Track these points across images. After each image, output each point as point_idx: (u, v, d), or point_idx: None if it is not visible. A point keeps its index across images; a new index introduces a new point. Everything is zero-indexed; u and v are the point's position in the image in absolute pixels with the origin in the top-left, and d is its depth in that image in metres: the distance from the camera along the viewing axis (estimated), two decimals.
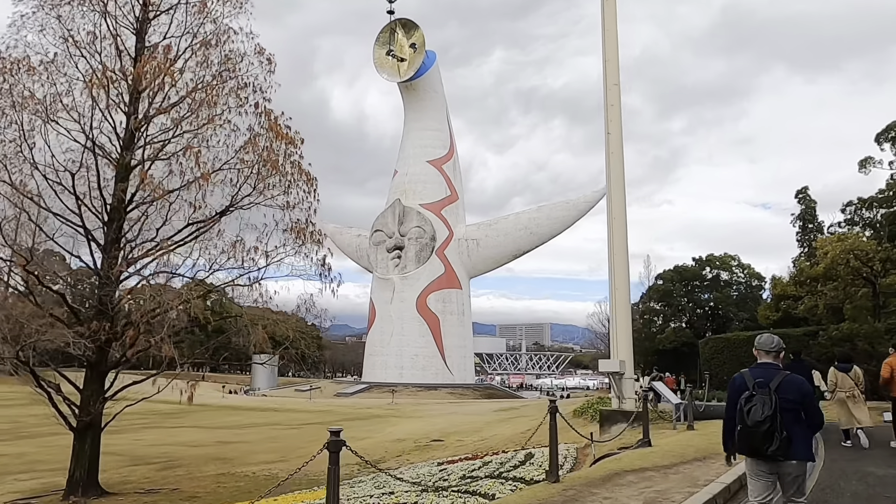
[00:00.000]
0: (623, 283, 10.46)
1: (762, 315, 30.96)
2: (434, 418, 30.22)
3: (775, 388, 4.60)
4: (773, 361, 4.83)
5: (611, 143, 10.72)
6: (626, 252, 10.69)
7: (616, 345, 10.21)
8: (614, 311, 10.25)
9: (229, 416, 32.05)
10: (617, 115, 10.70)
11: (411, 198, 63.12)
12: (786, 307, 27.42)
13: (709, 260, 57.67)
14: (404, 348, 59.00)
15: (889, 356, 9.70)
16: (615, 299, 10.21)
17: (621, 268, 10.56)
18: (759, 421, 4.52)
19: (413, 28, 65.77)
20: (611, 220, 10.48)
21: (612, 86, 10.85)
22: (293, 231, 14.52)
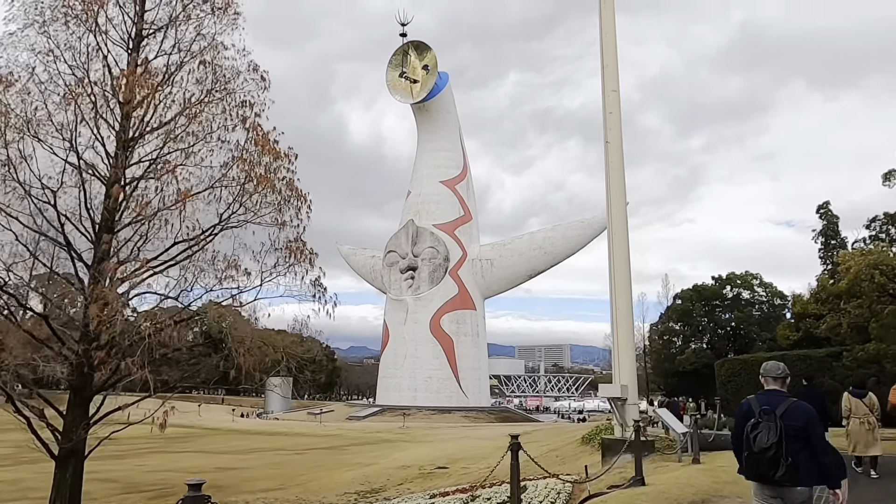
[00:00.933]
0: (625, 302, 9.78)
1: (782, 335, 29.70)
2: (444, 443, 29.36)
3: (781, 414, 4.66)
4: (780, 388, 4.89)
5: (610, 153, 10.13)
6: (629, 268, 10.02)
7: (618, 368, 9.51)
8: (616, 332, 9.57)
9: (236, 441, 31.51)
10: (616, 122, 10.13)
11: (425, 218, 62.86)
12: (807, 326, 26.20)
13: (729, 279, 56.31)
14: (418, 370, 58.21)
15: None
16: (617, 319, 9.54)
17: (623, 285, 9.89)
18: (765, 447, 4.58)
19: (425, 50, 66.17)
20: (611, 234, 9.86)
21: (611, 92, 10.30)
22: (285, 250, 14.11)
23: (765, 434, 4.58)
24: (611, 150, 10.06)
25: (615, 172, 10.09)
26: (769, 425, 4.61)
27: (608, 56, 10.32)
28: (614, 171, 10.14)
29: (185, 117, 13.87)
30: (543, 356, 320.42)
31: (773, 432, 4.56)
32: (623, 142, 10.47)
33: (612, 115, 10.20)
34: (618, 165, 9.99)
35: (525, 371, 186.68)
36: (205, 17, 14.77)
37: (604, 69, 10.35)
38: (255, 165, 12.79)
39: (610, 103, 10.24)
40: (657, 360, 57.80)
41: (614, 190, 10.01)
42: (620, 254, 9.86)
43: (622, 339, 9.64)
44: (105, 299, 10.28)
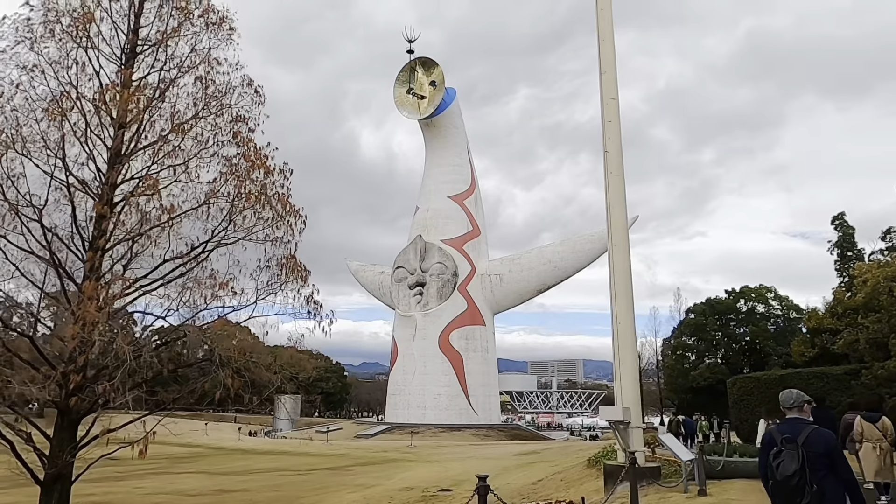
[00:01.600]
0: (627, 317, 9.29)
1: (796, 352, 28.76)
2: (450, 463, 28.70)
3: (802, 442, 4.72)
4: (800, 416, 4.94)
5: (609, 162, 9.70)
6: (630, 282, 9.54)
7: (620, 389, 8.99)
8: (617, 350, 9.08)
9: (239, 461, 31.03)
10: (616, 131, 9.71)
11: (433, 234, 62.56)
12: (823, 342, 25.26)
13: (743, 292, 55.25)
14: (427, 387, 57.52)
15: None
16: (618, 335, 9.05)
17: (624, 299, 9.41)
18: (789, 475, 4.64)
19: (432, 66, 66.37)
20: (611, 245, 9.40)
21: (610, 100, 9.91)
22: (277, 267, 13.80)
23: (787, 462, 4.66)
24: (610, 159, 9.63)
25: (615, 182, 9.65)
26: (791, 454, 4.68)
27: (606, 63, 9.92)
28: (614, 181, 9.70)
29: (177, 133, 13.70)
30: (556, 371, 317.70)
31: (796, 460, 4.63)
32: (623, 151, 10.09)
33: (612, 123, 9.78)
34: (618, 175, 9.55)
35: (537, 387, 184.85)
36: (201, 32, 14.66)
37: (602, 76, 9.94)
38: (244, 181, 12.53)
39: (609, 111, 9.84)
40: (670, 376, 56.68)
41: (614, 200, 9.57)
42: (621, 266, 9.39)
43: (624, 358, 9.13)
44: (83, 319, 9.96)
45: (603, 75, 10.00)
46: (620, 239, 9.29)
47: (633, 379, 9.18)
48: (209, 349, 12.18)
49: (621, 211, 9.50)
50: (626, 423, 8.50)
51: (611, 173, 9.69)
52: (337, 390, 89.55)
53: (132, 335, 11.70)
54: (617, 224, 9.42)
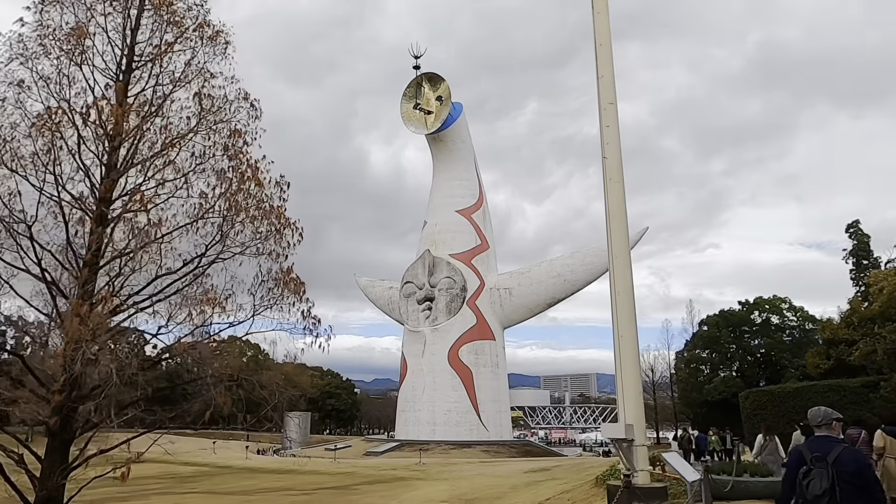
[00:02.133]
0: (629, 330, 8.89)
1: (811, 364, 27.91)
2: (459, 480, 28.13)
3: (832, 461, 4.61)
4: (829, 433, 4.85)
5: (608, 168, 9.38)
6: (632, 292, 9.17)
7: (623, 405, 8.58)
8: (619, 364, 8.68)
9: (246, 480, 30.64)
10: (615, 136, 9.40)
11: (441, 248, 62.31)
12: (838, 354, 24.46)
13: (757, 303, 54.36)
14: (436, 403, 56.88)
15: None
16: (620, 349, 8.66)
17: (626, 310, 9.02)
18: (818, 495, 4.54)
19: (439, 81, 66.60)
20: (611, 256, 9.05)
21: (608, 105, 9.61)
22: (272, 281, 13.58)
23: (817, 481, 4.56)
24: (609, 165, 9.31)
25: (615, 190, 9.32)
26: (821, 472, 4.58)
27: (603, 67, 9.63)
28: (614, 188, 9.37)
29: (172, 147, 13.61)
30: (569, 386, 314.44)
31: (826, 479, 4.53)
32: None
33: (610, 128, 9.48)
34: (617, 182, 9.22)
35: (550, 402, 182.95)
36: (198, 47, 14.59)
37: (599, 80, 9.65)
38: (236, 194, 12.34)
39: (607, 117, 9.54)
40: (684, 390, 55.67)
41: (614, 208, 9.23)
42: (623, 277, 9.03)
43: (627, 372, 8.72)
44: (69, 337, 9.74)
45: (600, 80, 9.70)
46: (621, 249, 8.93)
47: (636, 394, 8.77)
48: (198, 367, 11.92)
49: (622, 219, 9.15)
50: (628, 440, 8.08)
51: (610, 180, 9.36)
52: (347, 407, 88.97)
53: (119, 354, 11.44)
54: (617, 233, 9.07)
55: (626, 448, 8.11)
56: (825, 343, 28.01)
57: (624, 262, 8.92)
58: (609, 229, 9.13)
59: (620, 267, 8.87)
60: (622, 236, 9.10)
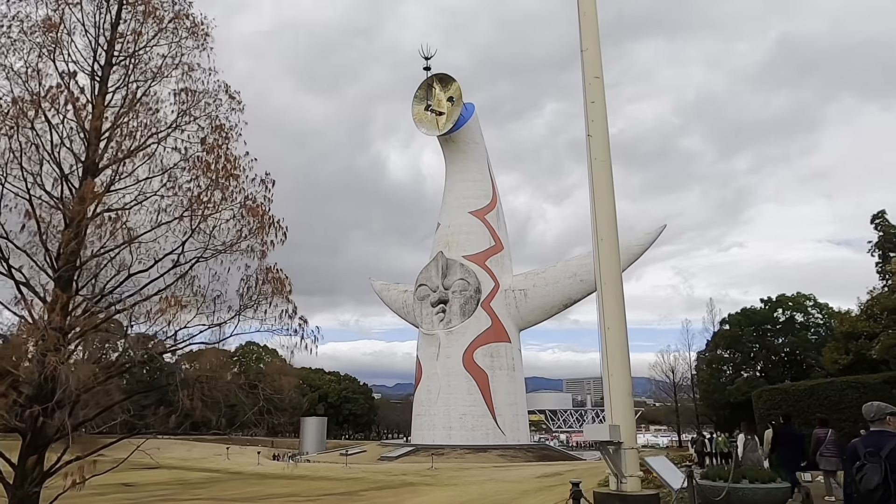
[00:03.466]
0: (617, 321, 8.13)
1: (828, 359, 26.43)
2: (468, 486, 27.39)
3: (885, 455, 4.68)
4: (884, 428, 4.89)
5: (594, 147, 8.64)
6: (620, 279, 8.42)
7: (610, 404, 7.81)
8: (606, 359, 7.91)
9: (253, 486, 30.24)
10: (601, 113, 8.67)
11: (454, 250, 61.63)
12: (857, 348, 23.09)
13: (780, 301, 52.66)
14: (452, 407, 56.10)
15: None
16: (606, 342, 7.90)
17: (613, 299, 8.27)
18: (871, 489, 4.61)
19: (449, 82, 66.07)
20: (597, 240, 8.31)
21: (594, 79, 8.88)
22: (256, 281, 13.08)
23: (870, 475, 4.64)
24: (595, 143, 8.57)
25: (601, 170, 8.58)
26: (874, 466, 4.66)
27: (588, 38, 8.89)
28: (599, 168, 8.63)
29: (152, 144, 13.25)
30: (592, 389, 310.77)
31: (878, 473, 4.60)
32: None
33: (595, 104, 8.75)
34: (604, 161, 8.47)
35: (573, 405, 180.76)
36: (180, 39, 14.22)
37: (583, 54, 8.91)
38: (213, 189, 11.85)
39: (592, 92, 8.81)
40: (706, 391, 54.11)
41: (600, 189, 8.50)
42: (609, 262, 8.29)
43: (615, 368, 7.96)
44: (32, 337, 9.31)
45: (584, 53, 8.95)
46: (608, 232, 8.20)
47: (624, 392, 7.99)
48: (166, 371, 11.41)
49: (608, 201, 8.43)
50: (615, 443, 7.29)
51: (595, 159, 8.63)
52: (364, 412, 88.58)
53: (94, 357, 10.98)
54: (603, 215, 8.34)
55: (612, 452, 7.34)
56: (843, 337, 26.48)
57: (611, 246, 8.19)
58: (594, 211, 8.39)
59: (607, 252, 8.14)
60: (609, 220, 8.37)
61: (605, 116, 8.73)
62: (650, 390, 76.70)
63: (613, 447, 7.52)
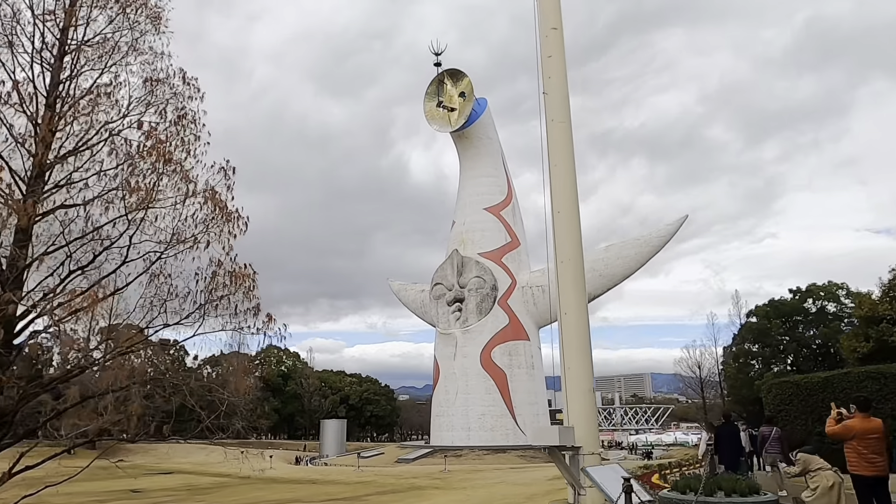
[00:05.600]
0: (575, 306, 7.02)
1: (847, 346, 24.43)
2: (476, 490, 26.40)
3: None
4: None
5: (550, 107, 7.57)
6: (581, 259, 7.32)
7: (566, 403, 6.72)
8: (562, 351, 6.82)
9: (257, 492, 29.64)
10: (559, 68, 7.60)
11: (469, 247, 60.41)
12: (878, 335, 21.11)
13: (810, 290, 50.30)
14: (470, 407, 54.82)
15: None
16: (563, 330, 6.81)
17: (572, 281, 7.18)
18: None
19: (461, 77, 64.96)
20: (554, 212, 7.24)
21: (551, 30, 7.81)
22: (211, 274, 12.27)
23: None
24: (551, 102, 7.51)
25: (559, 132, 7.49)
26: None
27: None
28: (557, 131, 7.55)
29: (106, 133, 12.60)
30: (623, 387, 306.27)
31: None
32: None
33: (553, 58, 7.68)
34: (562, 122, 7.39)
35: (602, 403, 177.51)
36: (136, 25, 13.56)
37: (537, 4, 7.85)
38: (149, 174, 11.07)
39: (549, 45, 7.74)
40: (733, 387, 51.99)
41: (557, 154, 7.42)
42: (569, 240, 7.22)
43: (574, 361, 6.87)
44: None
45: (540, 2, 7.88)
46: (567, 203, 7.11)
47: (584, 390, 6.89)
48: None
49: (567, 168, 7.35)
50: (571, 449, 6.18)
51: (552, 120, 7.56)
52: (386, 413, 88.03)
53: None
54: (562, 183, 7.26)
55: (571, 457, 6.23)
56: (862, 322, 24.40)
57: (570, 220, 7.13)
58: (551, 180, 7.30)
59: (566, 226, 7.08)
60: (568, 189, 7.29)
61: (565, 72, 7.66)
62: (678, 387, 74.46)
63: (569, 453, 6.42)
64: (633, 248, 63.23)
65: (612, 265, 63.74)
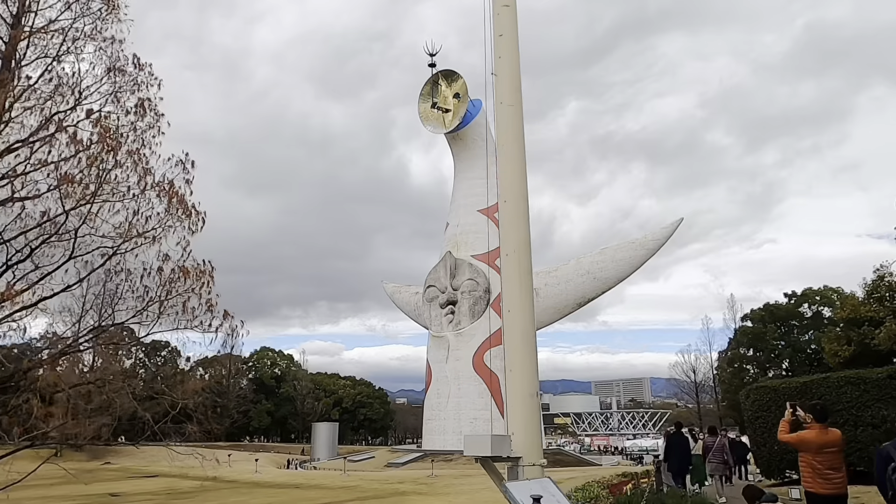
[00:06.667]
0: (520, 302, 6.51)
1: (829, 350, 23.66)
2: (459, 497, 25.79)
3: None
4: None
5: (500, 89, 6.97)
6: (528, 250, 6.82)
7: (506, 409, 6.17)
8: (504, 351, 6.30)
9: (238, 497, 29.02)
10: (511, 47, 7.01)
11: (463, 249, 59.77)
12: (860, 337, 20.31)
13: (806, 295, 49.70)
14: (462, 411, 54.16)
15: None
16: (506, 326, 6.28)
17: (517, 272, 6.67)
18: None
19: (455, 78, 64.51)
20: (501, 202, 6.73)
21: (503, 7, 7.22)
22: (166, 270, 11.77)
23: None
24: (501, 84, 6.98)
25: (509, 116, 6.98)
26: None
27: None
28: (507, 115, 7.03)
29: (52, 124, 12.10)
30: (622, 391, 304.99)
31: None
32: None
33: (505, 37, 7.17)
34: (513, 105, 6.86)
35: (600, 407, 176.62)
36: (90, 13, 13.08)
37: None
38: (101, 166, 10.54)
39: (500, 23, 7.21)
40: (727, 392, 51.34)
41: (506, 139, 6.92)
42: (515, 231, 6.71)
43: (517, 363, 6.35)
44: None
45: None
46: (513, 192, 6.60)
47: (526, 395, 6.36)
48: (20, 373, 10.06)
49: (516, 154, 6.82)
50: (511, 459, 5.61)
51: (501, 103, 7.05)
52: (380, 417, 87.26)
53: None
54: (510, 171, 6.75)
55: (510, 469, 5.67)
56: (844, 323, 23.65)
57: (518, 210, 6.61)
58: (498, 166, 6.79)
59: (513, 216, 6.58)
60: (517, 176, 6.77)
61: (517, 52, 7.13)
62: (675, 392, 73.80)
63: (508, 465, 5.86)
64: (627, 251, 62.69)
65: (607, 268, 63.10)
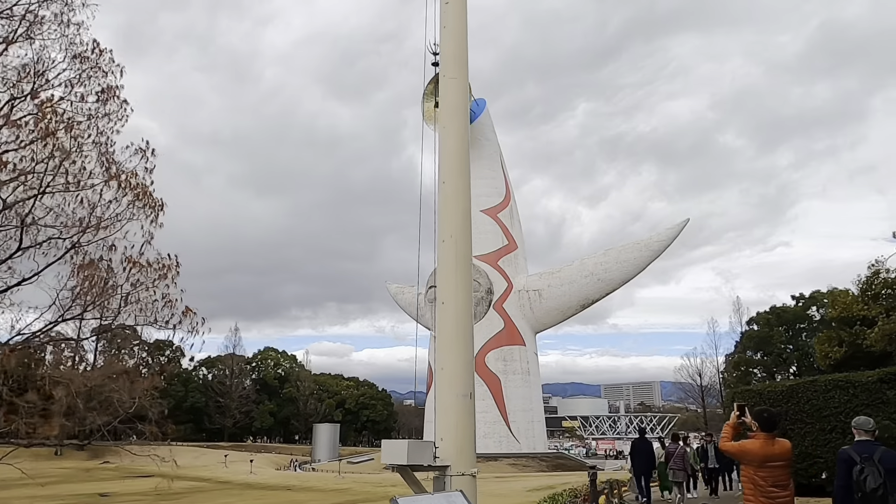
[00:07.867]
0: (454, 294, 5.93)
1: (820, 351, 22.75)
2: None
3: (878, 459, 5.58)
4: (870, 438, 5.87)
5: (443, 61, 6.36)
6: (469, 238, 6.26)
7: (435, 411, 5.59)
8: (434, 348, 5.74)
9: (227, 498, 28.56)
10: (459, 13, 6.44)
11: None
12: (852, 337, 19.38)
13: (814, 297, 48.60)
14: None
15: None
16: (438, 320, 5.71)
17: (452, 261, 6.11)
18: (875, 488, 5.44)
19: None
20: (439, 182, 6.15)
21: None
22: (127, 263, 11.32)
23: (872, 477, 5.44)
24: (445, 56, 6.40)
25: (451, 90, 6.40)
26: (872, 469, 5.49)
27: None
28: (450, 88, 6.46)
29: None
30: (632, 395, 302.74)
31: (879, 474, 5.44)
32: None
33: (450, 5, 6.60)
34: (456, 79, 6.29)
35: (609, 411, 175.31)
36: None
37: None
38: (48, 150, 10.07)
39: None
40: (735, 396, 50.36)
41: (447, 115, 6.35)
42: (455, 213, 6.15)
43: (449, 360, 5.78)
44: None
45: None
46: (453, 173, 6.03)
47: (458, 395, 5.77)
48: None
49: (458, 131, 6.27)
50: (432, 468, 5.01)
51: (444, 76, 6.49)
52: (383, 418, 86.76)
53: None
54: (450, 149, 6.19)
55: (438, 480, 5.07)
56: (836, 323, 22.67)
57: (460, 190, 6.06)
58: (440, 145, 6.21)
59: (454, 197, 6.03)
60: (459, 155, 6.22)
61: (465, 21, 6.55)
62: (681, 396, 72.69)
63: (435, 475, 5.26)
64: (632, 252, 61.89)
65: (611, 270, 62.26)
